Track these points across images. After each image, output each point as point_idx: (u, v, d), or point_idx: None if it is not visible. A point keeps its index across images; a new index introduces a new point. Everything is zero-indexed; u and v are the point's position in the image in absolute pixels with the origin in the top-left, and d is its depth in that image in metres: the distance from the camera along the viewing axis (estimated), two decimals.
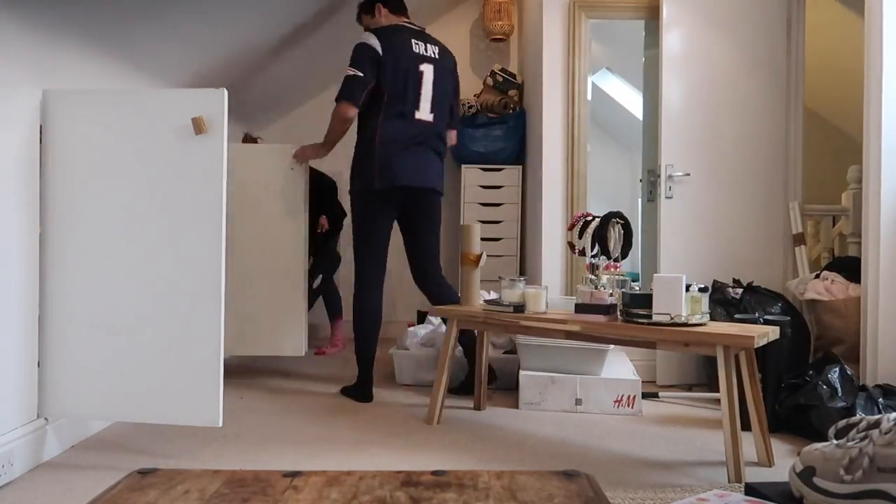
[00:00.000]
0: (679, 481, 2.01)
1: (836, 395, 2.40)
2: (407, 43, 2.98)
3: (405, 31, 3.02)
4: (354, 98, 2.90)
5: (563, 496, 0.81)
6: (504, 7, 4.60)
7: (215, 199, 2.09)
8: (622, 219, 2.46)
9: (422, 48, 3.02)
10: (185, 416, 2.12)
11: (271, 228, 3.31)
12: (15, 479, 1.93)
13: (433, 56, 3.05)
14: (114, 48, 2.43)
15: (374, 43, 2.92)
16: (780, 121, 3.42)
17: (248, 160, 3.32)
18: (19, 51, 1.96)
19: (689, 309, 2.07)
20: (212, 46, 3.06)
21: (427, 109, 3.01)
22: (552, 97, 3.55)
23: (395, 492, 0.82)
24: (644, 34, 3.80)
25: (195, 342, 2.10)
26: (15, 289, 1.99)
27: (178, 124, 2.09)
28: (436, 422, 2.60)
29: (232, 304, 3.18)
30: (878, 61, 2.59)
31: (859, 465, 0.95)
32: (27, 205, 2.04)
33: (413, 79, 2.97)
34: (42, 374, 2.11)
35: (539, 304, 2.48)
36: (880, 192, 2.60)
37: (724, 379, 1.99)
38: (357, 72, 2.90)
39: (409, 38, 2.99)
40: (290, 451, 2.27)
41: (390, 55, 2.92)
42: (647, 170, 3.83)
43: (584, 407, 2.80)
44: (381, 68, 2.92)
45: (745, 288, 3.13)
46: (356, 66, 2.90)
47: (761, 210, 3.41)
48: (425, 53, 3.02)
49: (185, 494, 0.82)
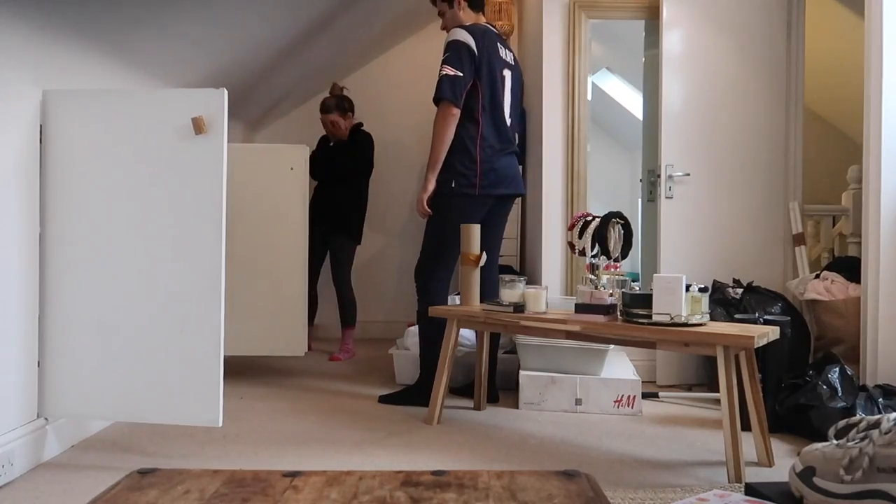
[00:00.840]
0: (679, 481, 2.01)
1: (836, 395, 2.40)
2: (495, 46, 2.95)
3: (491, 33, 2.99)
4: (457, 98, 2.82)
5: (563, 496, 0.81)
6: (504, 7, 4.60)
7: (215, 199, 2.09)
8: (622, 219, 2.46)
9: (504, 53, 3.01)
10: (185, 416, 2.12)
11: (271, 228, 3.30)
12: (15, 479, 1.93)
13: (512, 63, 3.05)
14: (114, 48, 2.43)
15: (469, 42, 2.85)
16: (780, 121, 3.42)
17: (248, 160, 3.32)
18: (19, 51, 1.96)
19: (689, 309, 2.07)
20: (212, 47, 3.06)
21: (508, 113, 3.00)
22: (552, 97, 3.55)
23: (395, 492, 0.82)
24: (644, 34, 3.80)
25: (195, 342, 2.10)
26: (15, 289, 1.99)
27: (178, 124, 2.09)
28: (436, 422, 2.60)
29: (232, 304, 3.18)
30: (878, 61, 2.59)
31: (859, 465, 0.95)
32: (27, 205, 2.04)
33: (501, 83, 2.95)
34: (42, 374, 2.11)
35: (539, 304, 2.48)
36: (880, 192, 2.60)
37: (724, 379, 1.99)
38: (457, 71, 2.82)
39: (496, 42, 2.97)
40: (290, 451, 2.27)
41: (484, 55, 2.88)
42: (647, 170, 3.83)
43: (584, 407, 2.80)
44: (477, 69, 2.86)
45: (745, 288, 3.13)
46: (455, 65, 2.82)
47: (761, 210, 3.41)
48: (507, 59, 3.01)
49: (185, 494, 0.82)
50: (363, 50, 4.58)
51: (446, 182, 2.92)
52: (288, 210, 3.31)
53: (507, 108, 3.00)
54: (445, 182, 2.92)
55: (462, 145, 2.90)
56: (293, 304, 3.31)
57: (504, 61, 2.99)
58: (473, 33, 2.89)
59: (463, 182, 2.90)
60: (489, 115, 2.91)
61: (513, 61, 3.06)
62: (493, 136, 2.93)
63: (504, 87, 2.97)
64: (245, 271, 3.27)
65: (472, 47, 2.85)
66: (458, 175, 2.90)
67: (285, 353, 3.33)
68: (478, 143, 2.90)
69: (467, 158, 2.90)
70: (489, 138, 2.91)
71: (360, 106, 4.35)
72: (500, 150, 2.95)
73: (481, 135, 2.90)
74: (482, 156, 2.90)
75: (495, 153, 2.93)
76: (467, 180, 2.89)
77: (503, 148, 2.96)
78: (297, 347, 3.32)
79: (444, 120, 2.86)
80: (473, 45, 2.85)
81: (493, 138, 2.93)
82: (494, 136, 2.93)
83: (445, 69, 2.83)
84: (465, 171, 2.90)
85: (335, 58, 4.43)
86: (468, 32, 2.88)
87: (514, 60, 3.08)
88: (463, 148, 2.90)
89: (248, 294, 3.28)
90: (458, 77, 2.82)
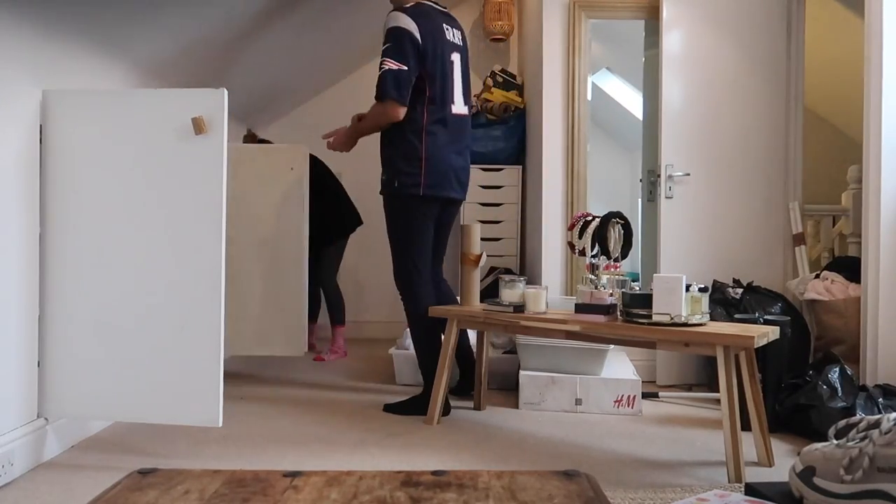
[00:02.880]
0: (679, 481, 2.01)
1: (836, 395, 2.40)
2: (441, 28, 2.70)
3: (435, 13, 2.72)
4: (403, 97, 2.58)
5: (563, 496, 0.81)
6: (504, 7, 4.60)
7: (215, 199, 2.09)
8: (622, 219, 2.46)
9: (451, 34, 2.76)
10: (185, 416, 2.12)
11: (271, 228, 3.30)
12: (15, 479, 1.93)
13: (460, 44, 2.81)
14: (114, 48, 2.43)
15: (412, 28, 2.58)
16: (780, 121, 3.42)
17: (248, 160, 3.32)
18: (19, 51, 1.96)
19: (689, 309, 2.07)
20: (212, 46, 3.06)
21: (461, 102, 2.76)
22: (552, 97, 3.55)
23: (395, 492, 0.82)
24: (644, 34, 3.80)
25: (195, 342, 2.10)
26: (15, 289, 1.99)
27: (178, 124, 2.09)
28: (436, 422, 2.60)
29: (232, 304, 3.18)
30: (878, 61, 2.59)
31: (859, 465, 0.95)
32: (27, 205, 2.04)
33: (448, 69, 2.69)
34: (42, 374, 2.11)
35: (539, 304, 2.48)
36: (880, 192, 2.60)
37: (724, 379, 1.99)
38: (401, 65, 2.55)
39: (441, 23, 2.71)
40: (290, 451, 2.27)
41: (429, 41, 2.61)
42: (647, 170, 3.83)
43: (584, 407, 2.80)
44: (423, 57, 2.59)
45: (745, 288, 3.13)
46: (398, 58, 2.55)
47: (761, 210, 3.41)
48: (454, 41, 2.76)
49: (185, 494, 0.82)
50: (363, 50, 4.58)
51: (389, 182, 2.71)
52: (288, 210, 3.31)
53: (460, 97, 2.75)
54: (388, 182, 2.72)
55: (405, 141, 2.65)
56: (293, 304, 3.31)
57: (451, 44, 2.73)
58: (417, 16, 2.61)
59: (406, 182, 2.67)
60: (437, 107, 2.66)
61: (460, 41, 2.81)
62: (441, 131, 2.67)
63: (453, 73, 2.72)
64: (245, 271, 3.27)
65: (416, 34, 2.57)
66: (401, 174, 2.67)
67: (285, 353, 3.33)
68: (423, 139, 2.64)
69: (411, 156, 2.65)
70: (436, 133, 2.66)
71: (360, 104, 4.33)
72: (449, 146, 2.71)
73: (427, 130, 2.64)
74: (427, 153, 2.64)
75: (442, 150, 2.68)
76: (411, 179, 2.66)
77: (452, 142, 2.72)
78: (296, 347, 3.32)
79: (385, 118, 2.62)
80: (416, 31, 2.58)
81: (441, 133, 2.68)
82: (442, 130, 2.68)
83: (387, 63, 2.55)
84: (408, 170, 2.66)
85: (335, 58, 4.43)
86: (410, 17, 2.60)
87: (462, 40, 2.83)
88: (406, 144, 2.65)
89: (248, 294, 3.28)
90: (403, 71, 2.55)
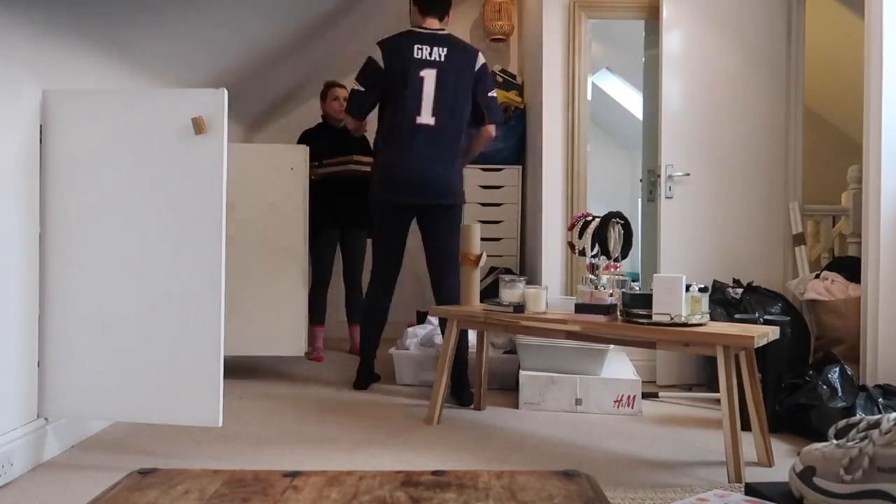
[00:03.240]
0: (679, 481, 2.01)
1: (836, 395, 2.40)
2: (410, 49, 2.95)
3: (412, 35, 3.00)
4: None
5: (563, 496, 0.81)
6: (504, 7, 4.60)
7: (215, 198, 2.09)
8: (622, 219, 2.46)
9: (426, 52, 2.96)
10: (185, 416, 2.12)
11: (271, 228, 3.30)
12: (15, 479, 1.93)
13: (437, 59, 2.96)
14: (114, 48, 2.43)
15: (377, 57, 2.99)
16: (780, 121, 3.42)
17: (248, 160, 3.32)
18: (19, 51, 1.96)
19: (689, 309, 2.07)
20: (212, 46, 3.06)
21: (429, 113, 2.94)
22: (552, 97, 3.55)
23: (395, 492, 0.82)
24: (644, 34, 3.80)
25: (195, 342, 2.10)
26: (15, 288, 1.99)
27: (178, 124, 2.09)
28: (436, 422, 2.60)
29: (232, 304, 3.18)
30: (878, 61, 2.59)
31: (859, 465, 0.95)
32: (27, 205, 2.04)
33: (413, 84, 2.92)
34: (42, 374, 2.11)
35: (539, 304, 2.48)
36: (880, 192, 2.60)
37: (724, 379, 1.99)
38: (359, 86, 3.03)
39: (413, 44, 2.96)
40: (290, 451, 2.27)
41: (396, 65, 2.95)
42: (647, 170, 3.83)
43: (584, 407, 2.80)
44: (386, 80, 2.97)
45: (745, 288, 3.13)
46: (360, 81, 3.03)
47: (761, 210, 3.41)
48: (428, 58, 2.96)
49: (185, 494, 0.82)
50: (363, 50, 4.58)
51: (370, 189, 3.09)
52: (288, 210, 3.31)
53: (428, 108, 2.93)
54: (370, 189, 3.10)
55: (377, 151, 3.06)
56: (293, 304, 3.31)
57: (424, 61, 2.95)
58: (386, 46, 2.99)
59: (373, 188, 3.03)
60: (398, 118, 2.94)
61: (441, 58, 2.97)
62: (400, 140, 2.94)
63: (422, 88, 2.93)
64: (245, 271, 3.27)
65: (380, 63, 2.97)
66: (372, 181, 3.06)
67: (285, 353, 3.33)
68: (382, 149, 3.01)
69: (376, 164, 3.04)
70: (393, 143, 2.96)
71: None
72: (407, 154, 2.92)
73: (385, 139, 3.00)
74: (383, 161, 2.99)
75: (398, 157, 2.94)
76: (375, 186, 3.03)
77: (413, 150, 2.92)
78: (296, 347, 3.32)
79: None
80: (381, 60, 2.97)
81: (399, 143, 2.94)
82: (402, 140, 2.94)
83: (355, 83, 3.05)
84: (375, 178, 3.03)
85: (335, 58, 4.43)
86: (382, 47, 2.99)
87: (446, 57, 2.98)
88: (377, 154, 3.06)
89: (248, 294, 3.28)
90: (361, 93, 3.02)
